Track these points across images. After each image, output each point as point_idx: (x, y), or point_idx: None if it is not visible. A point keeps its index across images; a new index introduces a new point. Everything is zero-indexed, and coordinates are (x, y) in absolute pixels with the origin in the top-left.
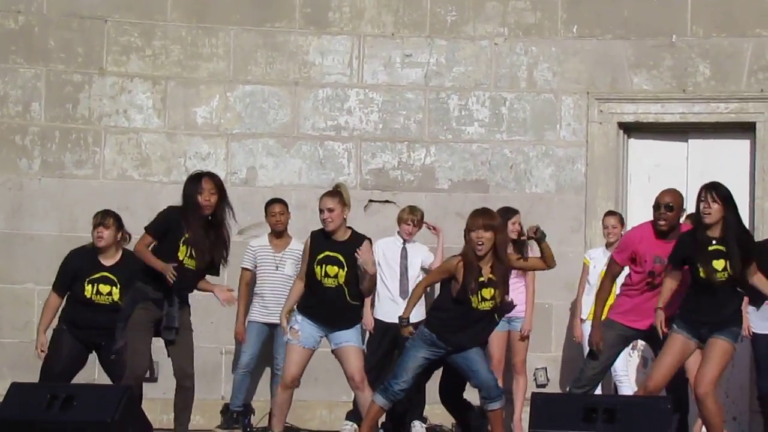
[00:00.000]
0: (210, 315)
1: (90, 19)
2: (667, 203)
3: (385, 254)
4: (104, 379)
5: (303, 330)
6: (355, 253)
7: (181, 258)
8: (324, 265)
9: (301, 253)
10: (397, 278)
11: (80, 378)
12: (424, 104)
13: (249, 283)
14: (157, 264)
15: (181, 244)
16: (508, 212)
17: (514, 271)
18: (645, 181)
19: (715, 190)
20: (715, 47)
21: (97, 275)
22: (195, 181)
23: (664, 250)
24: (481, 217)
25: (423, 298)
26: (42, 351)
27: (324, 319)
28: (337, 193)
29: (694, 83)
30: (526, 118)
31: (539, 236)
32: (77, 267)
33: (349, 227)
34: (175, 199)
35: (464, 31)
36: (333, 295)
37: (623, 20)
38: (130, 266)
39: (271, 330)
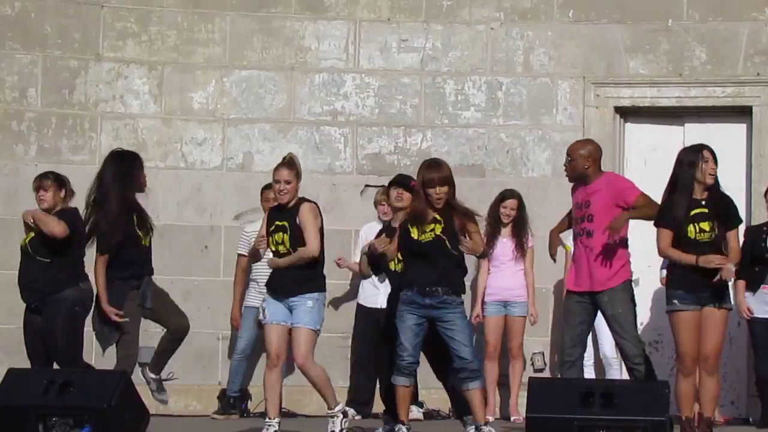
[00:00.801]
0: (206, 300)
1: (86, 5)
2: (566, 156)
3: (367, 238)
4: (101, 365)
5: (268, 307)
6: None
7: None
8: (273, 235)
9: None
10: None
11: None
12: (420, 89)
13: (245, 269)
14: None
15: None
16: (503, 195)
17: (512, 255)
18: (641, 165)
19: (713, 153)
20: (711, 31)
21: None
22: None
23: (582, 193)
24: (435, 173)
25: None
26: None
27: (279, 290)
28: (292, 164)
29: (691, 67)
30: (523, 103)
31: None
32: None
33: (301, 197)
34: (172, 184)
35: (460, 15)
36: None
37: (619, 4)
38: (67, 220)
39: None
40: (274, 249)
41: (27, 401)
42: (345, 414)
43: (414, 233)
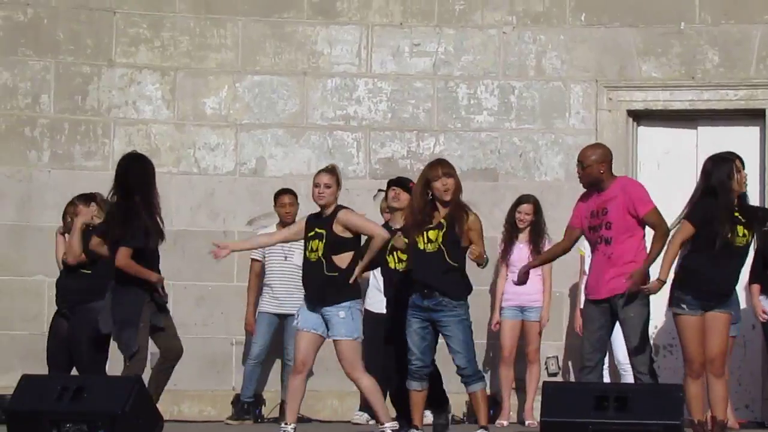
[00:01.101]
0: (220, 306)
1: (98, 11)
2: (579, 161)
3: None
4: (115, 370)
5: (302, 313)
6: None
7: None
8: (309, 242)
9: None
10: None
11: None
12: (432, 93)
13: (258, 274)
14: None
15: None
16: (519, 200)
17: (529, 260)
18: (654, 168)
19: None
20: (723, 34)
21: None
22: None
23: (596, 201)
24: (440, 166)
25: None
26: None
27: (312, 300)
28: (334, 171)
29: (703, 70)
30: (535, 107)
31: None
32: None
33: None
34: (185, 189)
35: (472, 19)
36: (314, 269)
37: (631, 7)
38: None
39: (281, 320)
40: (306, 255)
41: (41, 407)
42: None
43: (420, 243)
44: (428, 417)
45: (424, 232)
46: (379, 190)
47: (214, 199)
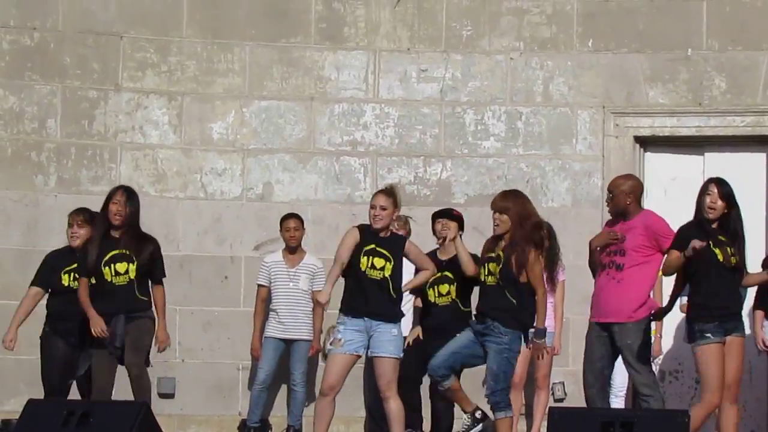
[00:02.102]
0: (227, 331)
1: (105, 36)
2: (609, 191)
3: None
4: (119, 395)
5: (345, 335)
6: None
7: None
8: (371, 257)
9: (315, 267)
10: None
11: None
12: (440, 119)
13: (265, 299)
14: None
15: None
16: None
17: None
18: (661, 194)
19: (722, 187)
20: (730, 60)
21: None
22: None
23: (620, 228)
24: (498, 198)
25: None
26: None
27: (372, 314)
28: (391, 193)
29: (710, 97)
30: (542, 132)
31: None
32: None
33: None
34: (191, 214)
35: (480, 45)
36: (380, 287)
37: (638, 34)
38: None
39: (288, 345)
40: (366, 270)
41: None
42: None
43: (481, 274)
44: None
45: (485, 264)
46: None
47: (221, 224)
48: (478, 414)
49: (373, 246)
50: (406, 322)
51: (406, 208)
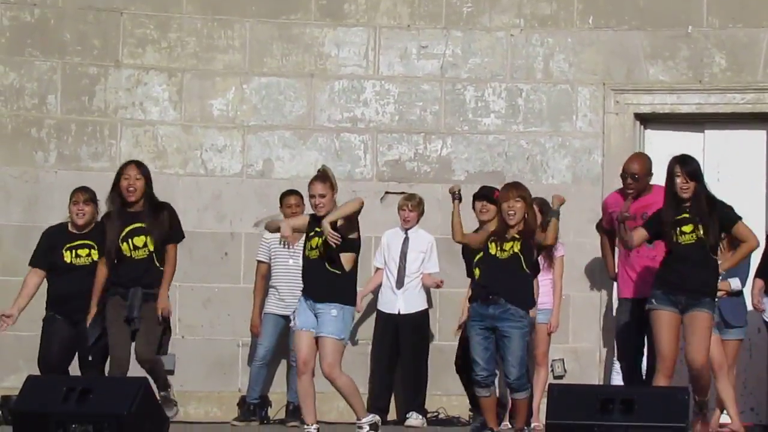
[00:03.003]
0: (226, 307)
1: (106, 12)
2: (633, 174)
3: (389, 245)
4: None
5: (298, 314)
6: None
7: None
8: (310, 240)
9: None
10: (396, 268)
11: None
12: (440, 96)
13: (265, 276)
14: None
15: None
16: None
17: (540, 264)
18: (661, 171)
19: (686, 166)
20: (731, 38)
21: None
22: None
23: (631, 206)
24: (513, 189)
25: (422, 288)
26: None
27: (309, 294)
28: (326, 177)
29: (710, 74)
30: (543, 110)
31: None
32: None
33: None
34: (191, 191)
35: (480, 22)
36: (314, 266)
37: (639, 11)
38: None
39: (287, 322)
40: (306, 253)
41: (47, 408)
42: (375, 426)
43: (492, 248)
44: (413, 420)
45: (497, 241)
46: (386, 192)
47: (221, 200)
48: None
49: (314, 230)
50: (420, 299)
51: (406, 184)
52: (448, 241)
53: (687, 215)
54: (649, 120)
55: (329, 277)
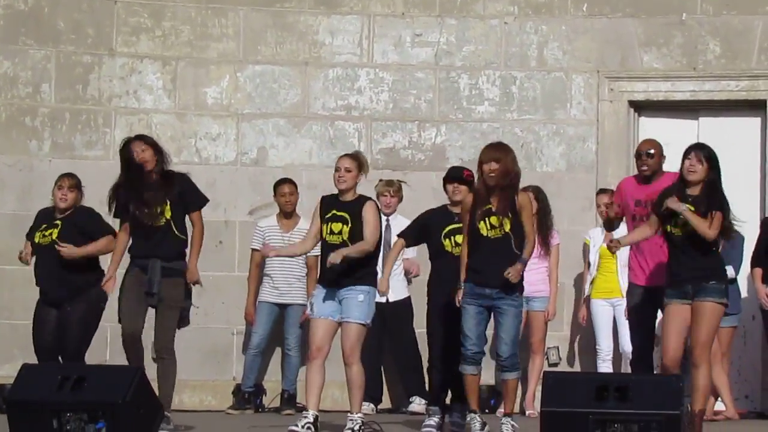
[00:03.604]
0: (221, 295)
1: (99, 0)
2: (647, 150)
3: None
4: (115, 360)
5: (317, 301)
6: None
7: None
8: (329, 223)
9: None
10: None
11: (91, 359)
12: (434, 83)
13: (259, 264)
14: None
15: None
16: None
17: (535, 252)
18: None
19: (702, 151)
20: (725, 25)
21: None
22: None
23: (644, 192)
24: (491, 149)
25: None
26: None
27: (332, 282)
28: (356, 157)
29: (705, 61)
30: (537, 97)
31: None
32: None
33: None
34: None
35: (474, 10)
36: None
37: None
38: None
39: (282, 310)
40: (326, 237)
41: (41, 397)
42: (364, 425)
43: (483, 228)
44: (416, 405)
45: (485, 218)
46: (381, 180)
47: (215, 189)
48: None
49: (332, 212)
50: (403, 286)
51: (400, 172)
52: None
53: (691, 207)
54: (643, 107)
55: (354, 262)
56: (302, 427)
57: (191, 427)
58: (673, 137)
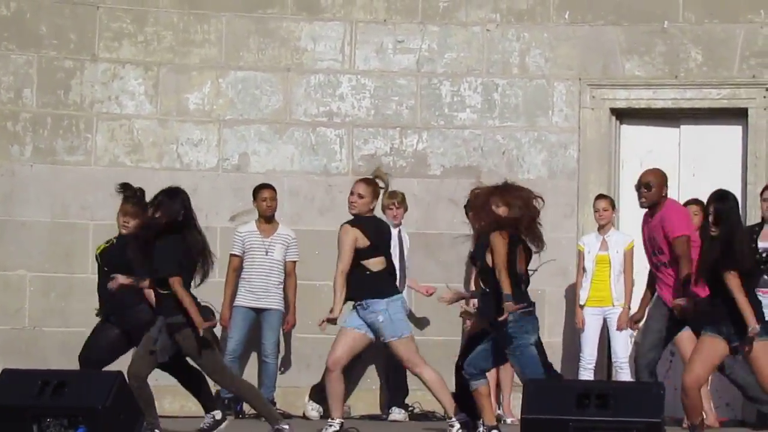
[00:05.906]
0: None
1: (82, 5)
2: (646, 182)
3: None
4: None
5: (350, 313)
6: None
7: None
8: None
9: (289, 238)
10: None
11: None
12: (416, 90)
13: (236, 269)
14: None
15: None
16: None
17: None
18: (637, 166)
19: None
20: (707, 33)
21: None
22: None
23: (647, 226)
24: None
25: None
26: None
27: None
28: (372, 182)
29: (687, 69)
30: (519, 104)
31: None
32: None
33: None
34: (167, 185)
35: (456, 17)
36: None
37: (615, 6)
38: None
39: (258, 315)
40: None
41: (21, 402)
42: (466, 426)
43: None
44: (395, 414)
45: None
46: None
47: (197, 195)
48: None
49: None
50: None
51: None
52: (424, 236)
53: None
54: (624, 115)
55: (357, 276)
56: None
57: None
58: (655, 145)
